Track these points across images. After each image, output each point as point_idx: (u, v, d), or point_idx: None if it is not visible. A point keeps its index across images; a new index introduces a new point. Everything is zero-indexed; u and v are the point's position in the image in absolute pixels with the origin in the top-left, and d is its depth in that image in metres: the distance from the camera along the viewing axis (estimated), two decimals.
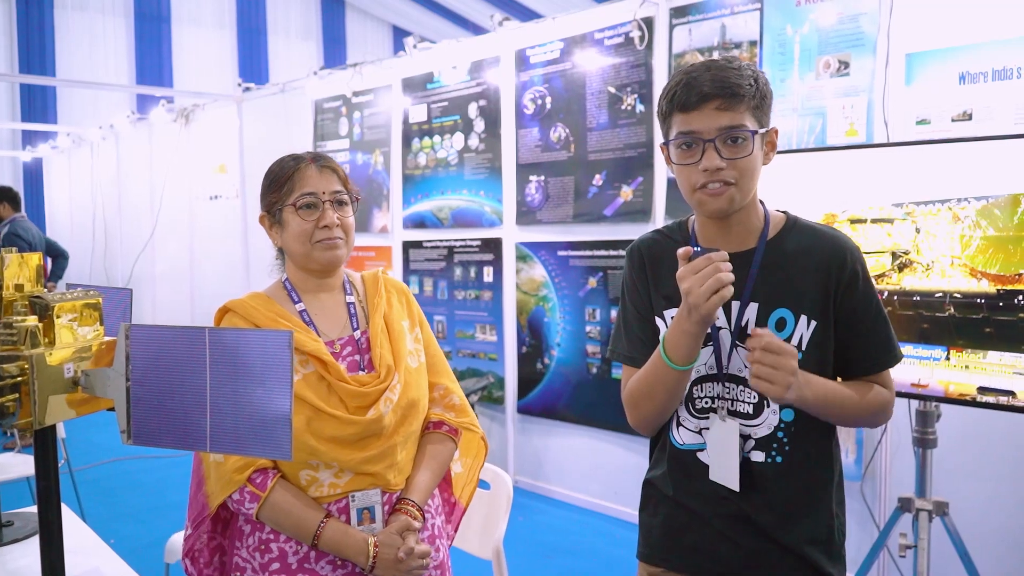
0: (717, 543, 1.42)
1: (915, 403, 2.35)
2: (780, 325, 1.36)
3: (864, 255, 1.42)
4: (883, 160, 2.20)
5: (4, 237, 5.86)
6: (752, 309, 1.36)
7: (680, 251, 1.29)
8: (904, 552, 2.27)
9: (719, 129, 1.28)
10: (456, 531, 1.78)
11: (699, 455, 1.42)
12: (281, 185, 1.53)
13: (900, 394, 2.27)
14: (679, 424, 1.45)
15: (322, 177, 1.53)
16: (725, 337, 1.38)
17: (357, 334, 1.56)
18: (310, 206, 1.51)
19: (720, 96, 1.28)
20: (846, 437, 3.05)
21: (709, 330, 1.36)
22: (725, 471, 1.38)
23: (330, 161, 1.57)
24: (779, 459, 1.36)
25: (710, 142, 1.29)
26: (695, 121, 1.30)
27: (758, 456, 1.37)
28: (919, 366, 2.16)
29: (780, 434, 1.36)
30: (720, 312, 1.36)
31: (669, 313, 1.42)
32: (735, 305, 1.36)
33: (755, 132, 1.30)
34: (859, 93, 2.98)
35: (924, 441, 2.32)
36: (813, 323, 1.35)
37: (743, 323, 1.36)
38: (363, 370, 1.53)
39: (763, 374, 1.25)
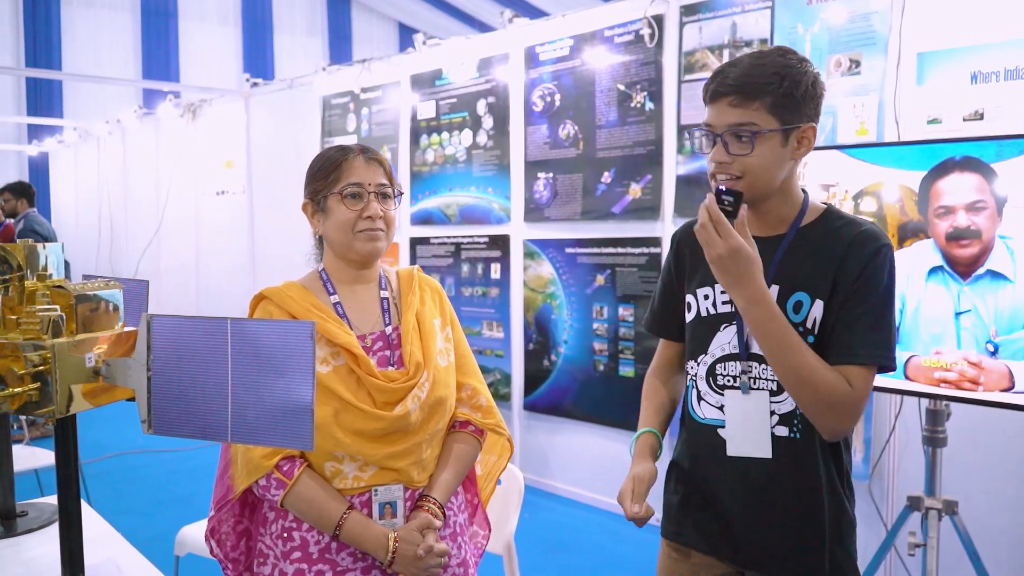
0: (733, 523, 1.44)
1: (925, 401, 2.35)
2: (797, 308, 1.38)
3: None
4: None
5: (20, 232, 5.90)
6: (773, 291, 1.39)
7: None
8: (913, 551, 2.27)
9: (728, 125, 1.35)
10: (490, 530, 1.78)
11: (719, 431, 1.45)
12: (328, 173, 1.52)
13: (910, 392, 2.27)
14: (700, 398, 1.49)
15: (369, 169, 1.53)
16: None
17: (388, 329, 1.56)
18: (355, 196, 1.50)
19: (733, 93, 1.33)
20: (854, 436, 3.06)
21: (732, 309, 1.43)
22: (752, 443, 1.42)
23: (377, 154, 1.57)
24: (799, 435, 1.39)
25: (719, 136, 1.36)
26: (711, 115, 1.38)
27: (782, 431, 1.40)
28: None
29: (799, 410, 1.38)
30: None
31: (701, 292, 1.49)
32: None
33: (758, 132, 1.32)
34: (870, 92, 2.97)
35: (934, 440, 2.32)
36: (822, 305, 1.37)
37: None
38: (392, 366, 1.53)
39: (703, 229, 1.31)
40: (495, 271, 4.45)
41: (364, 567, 1.47)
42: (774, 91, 1.32)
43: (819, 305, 1.37)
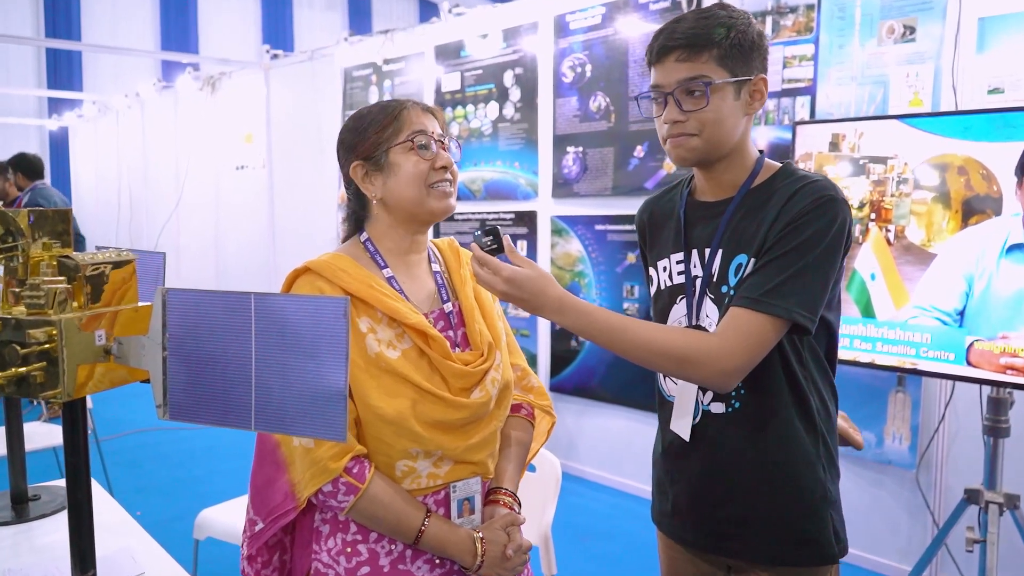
0: (690, 506, 1.42)
1: (987, 389, 2.21)
2: (737, 270, 1.31)
3: (850, 209, 1.30)
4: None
5: (24, 206, 5.77)
6: (717, 257, 1.35)
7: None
8: (972, 547, 2.14)
9: (678, 82, 1.29)
10: None
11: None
12: (386, 126, 1.34)
13: (967, 379, 2.13)
14: (666, 375, 1.45)
15: (427, 118, 1.37)
16: (700, 286, 1.37)
17: (448, 307, 1.39)
18: (423, 146, 1.34)
19: (680, 47, 1.29)
20: (900, 424, 2.92)
21: (684, 280, 1.39)
22: (682, 422, 1.39)
23: (431, 105, 1.42)
24: (737, 404, 1.35)
25: (670, 95, 1.30)
26: (658, 75, 1.32)
27: (718, 407, 1.36)
28: None
29: (740, 385, 1.33)
30: (695, 261, 1.38)
31: (660, 264, 1.46)
32: (707, 253, 1.36)
33: (710, 83, 1.27)
34: (925, 60, 2.80)
35: (996, 430, 2.18)
36: (754, 262, 1.29)
37: (712, 272, 1.35)
38: (457, 347, 1.37)
39: (478, 276, 1.29)
40: (521, 248, 4.32)
41: (443, 573, 1.32)
42: (721, 42, 1.28)
43: (752, 264, 1.29)
